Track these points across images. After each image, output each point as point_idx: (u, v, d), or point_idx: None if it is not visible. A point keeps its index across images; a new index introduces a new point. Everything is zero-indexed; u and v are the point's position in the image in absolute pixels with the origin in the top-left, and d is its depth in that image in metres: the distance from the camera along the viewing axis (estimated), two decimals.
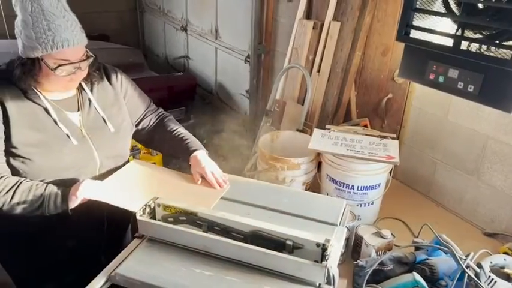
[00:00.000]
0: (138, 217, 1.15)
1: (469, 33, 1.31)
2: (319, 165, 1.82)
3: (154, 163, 2.98)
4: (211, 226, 1.15)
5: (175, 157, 1.60)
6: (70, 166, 1.35)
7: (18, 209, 1.27)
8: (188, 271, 1.06)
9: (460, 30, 1.32)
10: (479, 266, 1.18)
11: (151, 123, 1.63)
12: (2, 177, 1.27)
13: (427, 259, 1.32)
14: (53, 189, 1.29)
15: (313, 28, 2.36)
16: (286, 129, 2.22)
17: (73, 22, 1.25)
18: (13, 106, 1.27)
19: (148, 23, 5.34)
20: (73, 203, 1.28)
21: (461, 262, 1.18)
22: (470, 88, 1.31)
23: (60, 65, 1.24)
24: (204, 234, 1.11)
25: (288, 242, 1.06)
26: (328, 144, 1.70)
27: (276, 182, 1.74)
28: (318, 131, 1.82)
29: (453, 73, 1.34)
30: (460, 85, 1.34)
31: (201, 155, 1.49)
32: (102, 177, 1.40)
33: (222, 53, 3.68)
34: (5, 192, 1.25)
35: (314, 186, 1.84)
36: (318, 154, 1.78)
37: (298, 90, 2.48)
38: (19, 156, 1.28)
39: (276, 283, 1.02)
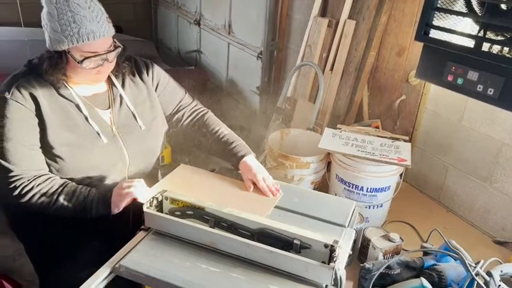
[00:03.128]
0: (144, 209, 1.14)
1: (491, 35, 1.28)
2: (328, 165, 1.80)
3: (163, 156, 2.97)
4: (218, 222, 1.13)
5: (226, 160, 1.53)
6: (99, 165, 1.34)
7: (62, 211, 1.26)
8: (193, 266, 1.05)
9: (482, 31, 1.29)
10: (489, 274, 1.15)
11: (186, 118, 1.58)
12: (49, 177, 1.27)
13: (435, 265, 1.30)
14: (96, 194, 1.28)
15: (328, 26, 2.33)
16: (297, 128, 2.20)
17: (99, 12, 1.22)
18: (46, 102, 1.26)
19: (162, 16, 5.34)
20: (116, 208, 1.26)
21: (470, 269, 1.15)
22: (490, 91, 1.28)
23: (86, 58, 1.21)
24: (211, 229, 1.10)
25: (295, 241, 1.04)
26: (338, 144, 1.67)
27: (284, 180, 1.72)
28: (329, 130, 1.80)
29: (472, 75, 1.30)
30: (480, 88, 1.30)
31: (251, 160, 1.45)
32: (131, 176, 1.39)
33: (234, 49, 3.66)
34: (51, 193, 1.25)
35: (322, 185, 1.82)
36: (328, 154, 1.76)
37: (310, 89, 2.46)
38: (53, 154, 1.27)
39: (282, 283, 1.01)
